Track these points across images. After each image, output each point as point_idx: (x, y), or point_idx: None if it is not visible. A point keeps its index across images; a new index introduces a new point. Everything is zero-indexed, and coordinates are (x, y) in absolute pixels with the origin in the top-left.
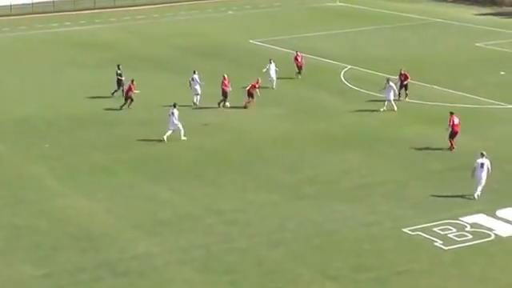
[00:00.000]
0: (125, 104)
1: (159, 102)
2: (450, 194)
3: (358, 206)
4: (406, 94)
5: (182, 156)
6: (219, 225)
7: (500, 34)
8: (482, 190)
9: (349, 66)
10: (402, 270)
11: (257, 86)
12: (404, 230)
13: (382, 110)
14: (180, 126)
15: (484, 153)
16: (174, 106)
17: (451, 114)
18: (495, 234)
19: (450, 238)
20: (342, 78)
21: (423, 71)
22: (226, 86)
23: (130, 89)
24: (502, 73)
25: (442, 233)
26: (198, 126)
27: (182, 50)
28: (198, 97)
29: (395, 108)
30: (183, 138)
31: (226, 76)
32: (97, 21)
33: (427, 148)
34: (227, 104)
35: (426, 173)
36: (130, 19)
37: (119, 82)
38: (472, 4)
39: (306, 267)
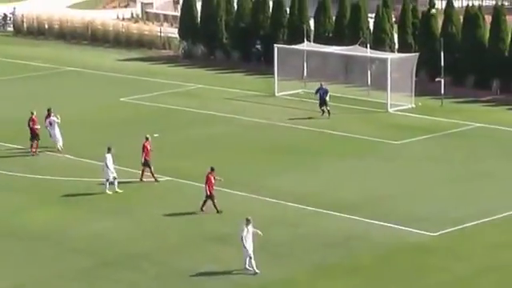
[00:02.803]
0: None
1: None
2: None
3: None
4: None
5: None
6: None
7: (151, 84)
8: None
9: None
10: None
11: None
12: None
13: None
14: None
15: (250, 218)
16: None
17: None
18: None
19: None
20: None
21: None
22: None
23: None
24: (156, 135)
25: None
26: None
27: None
28: None
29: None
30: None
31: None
32: None
33: (64, 239)
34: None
35: (68, 274)
36: None
37: None
38: (114, 47)
39: None
